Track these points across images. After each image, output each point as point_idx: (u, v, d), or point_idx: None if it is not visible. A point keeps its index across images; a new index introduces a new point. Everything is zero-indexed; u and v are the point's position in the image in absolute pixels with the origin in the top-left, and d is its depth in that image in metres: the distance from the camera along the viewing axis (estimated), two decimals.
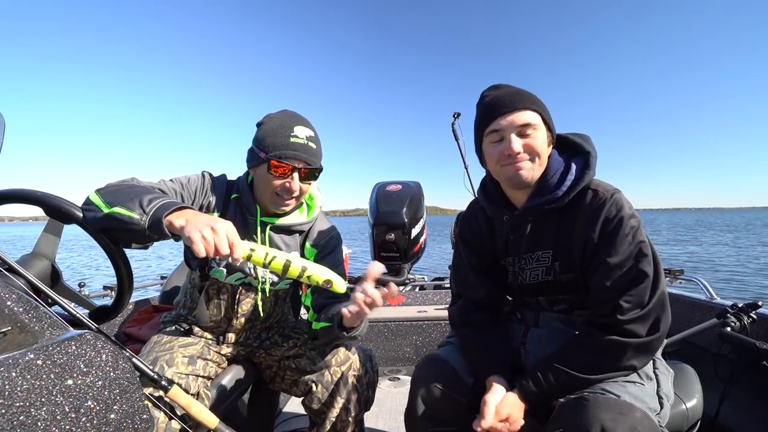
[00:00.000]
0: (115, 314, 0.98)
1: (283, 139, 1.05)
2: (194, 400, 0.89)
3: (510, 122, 0.91)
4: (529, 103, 0.91)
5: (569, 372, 0.86)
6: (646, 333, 0.85)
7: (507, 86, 0.97)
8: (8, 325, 0.52)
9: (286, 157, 1.05)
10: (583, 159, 0.95)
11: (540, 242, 0.98)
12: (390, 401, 1.99)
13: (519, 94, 0.93)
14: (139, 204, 0.84)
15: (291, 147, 1.05)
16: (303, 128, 1.09)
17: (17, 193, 0.86)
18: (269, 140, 1.06)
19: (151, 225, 0.82)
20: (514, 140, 0.91)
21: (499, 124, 0.92)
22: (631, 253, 0.86)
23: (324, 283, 0.85)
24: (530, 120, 0.90)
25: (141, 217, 0.82)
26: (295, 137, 1.06)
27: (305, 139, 1.08)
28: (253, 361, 1.30)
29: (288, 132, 1.06)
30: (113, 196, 0.87)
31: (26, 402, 0.46)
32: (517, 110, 0.91)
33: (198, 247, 0.78)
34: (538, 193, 0.95)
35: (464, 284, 1.13)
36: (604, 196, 0.90)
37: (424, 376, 1.01)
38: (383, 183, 3.27)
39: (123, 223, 0.83)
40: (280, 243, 1.20)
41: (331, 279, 0.86)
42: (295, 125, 1.08)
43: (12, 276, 0.76)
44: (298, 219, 1.21)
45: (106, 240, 0.88)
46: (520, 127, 0.90)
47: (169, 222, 0.83)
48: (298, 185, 1.08)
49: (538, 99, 0.94)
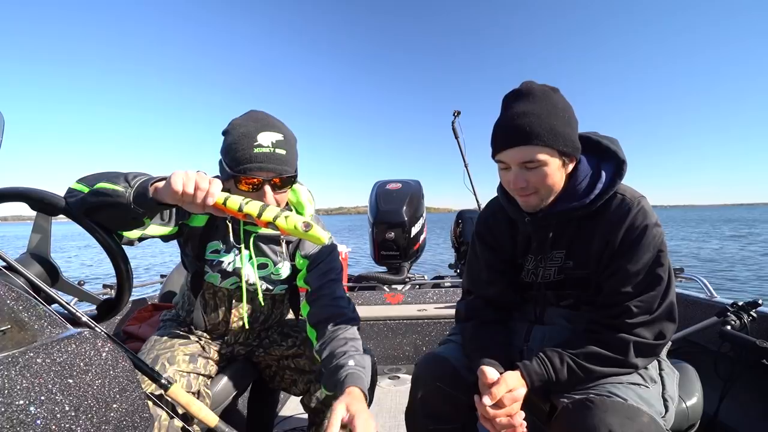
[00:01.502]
0: (115, 312, 0.98)
1: (246, 151, 0.96)
2: (194, 399, 0.89)
3: (513, 158, 0.89)
4: (536, 139, 0.85)
5: (574, 359, 0.85)
6: (652, 338, 0.85)
7: (528, 95, 0.90)
8: (7, 324, 0.52)
9: (251, 171, 0.96)
10: (614, 166, 0.92)
11: (559, 242, 0.98)
12: (390, 400, 1.99)
13: (527, 126, 0.85)
14: (123, 178, 0.81)
15: (256, 159, 0.96)
16: (267, 134, 0.99)
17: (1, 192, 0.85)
18: (232, 154, 0.98)
19: (137, 196, 0.78)
20: (518, 175, 0.89)
21: (503, 156, 0.90)
22: (649, 261, 0.86)
23: (303, 225, 0.77)
24: (534, 156, 0.86)
25: (126, 189, 0.79)
26: (259, 147, 0.97)
27: (271, 146, 0.98)
28: (252, 360, 1.30)
29: (251, 142, 0.97)
30: (95, 179, 0.84)
31: (25, 400, 0.45)
32: (521, 146, 0.86)
33: (176, 179, 0.74)
34: (566, 199, 0.93)
35: (476, 281, 1.13)
36: (630, 202, 0.89)
37: (425, 374, 1.01)
38: (383, 181, 3.27)
39: (107, 197, 0.79)
40: (269, 252, 1.16)
41: (309, 222, 0.78)
42: (259, 132, 0.98)
43: (11, 274, 0.76)
44: None
45: (103, 234, 0.87)
46: (524, 163, 0.88)
47: (155, 188, 0.79)
48: (271, 198, 0.99)
49: (554, 124, 0.86)
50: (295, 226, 0.78)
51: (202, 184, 0.75)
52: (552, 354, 0.87)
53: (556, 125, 0.86)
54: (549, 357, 0.87)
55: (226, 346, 1.22)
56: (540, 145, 0.85)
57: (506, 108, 0.92)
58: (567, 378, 0.85)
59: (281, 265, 1.17)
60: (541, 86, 0.92)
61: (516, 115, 0.87)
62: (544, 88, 0.91)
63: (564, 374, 0.85)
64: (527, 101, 0.89)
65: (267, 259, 1.16)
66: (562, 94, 0.92)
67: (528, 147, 0.86)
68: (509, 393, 0.83)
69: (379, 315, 2.33)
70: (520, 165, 0.88)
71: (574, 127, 0.90)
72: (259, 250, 1.15)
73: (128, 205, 0.79)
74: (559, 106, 0.89)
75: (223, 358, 1.21)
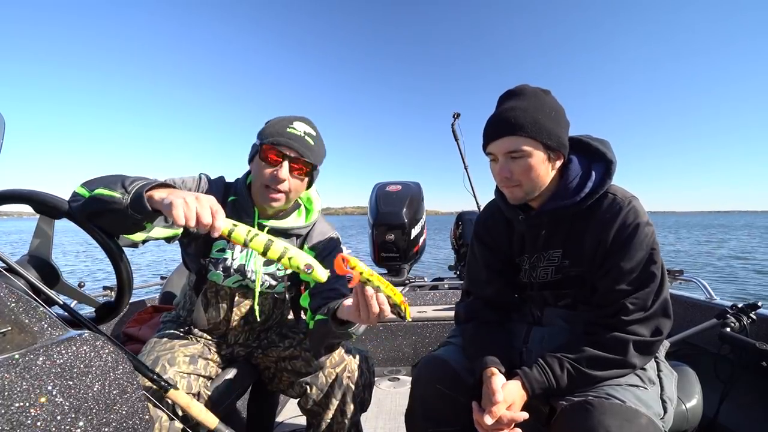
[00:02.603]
0: (115, 314, 0.98)
1: (279, 128, 1.06)
2: (194, 401, 0.89)
3: (498, 149, 0.94)
4: (520, 130, 0.90)
5: (573, 364, 0.86)
6: (649, 335, 0.86)
7: (520, 94, 0.95)
8: (8, 326, 0.52)
9: (278, 144, 1.04)
10: (604, 166, 0.96)
11: (553, 242, 1.00)
12: (390, 401, 1.99)
13: (513, 118, 0.91)
14: (121, 184, 0.82)
15: (285, 135, 1.05)
16: (303, 124, 1.10)
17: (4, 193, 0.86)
18: (266, 130, 1.08)
19: (133, 201, 0.80)
20: (503, 165, 0.94)
21: (490, 148, 0.96)
22: (642, 259, 0.88)
23: (305, 267, 0.80)
24: (518, 146, 0.91)
25: (123, 195, 0.80)
26: (293, 129, 1.07)
27: (302, 133, 1.08)
28: (252, 362, 1.30)
29: (287, 124, 1.08)
30: (96, 184, 0.86)
31: (25, 402, 0.45)
32: (505, 137, 0.92)
33: (177, 212, 0.73)
34: (556, 197, 0.96)
35: (475, 282, 1.14)
36: (622, 202, 0.92)
37: (425, 376, 1.01)
38: (383, 183, 3.27)
39: (105, 203, 0.81)
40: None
41: (311, 264, 0.80)
42: (296, 120, 1.10)
43: (11, 276, 0.76)
44: (296, 222, 1.20)
45: (103, 237, 0.88)
46: (509, 153, 0.92)
47: (150, 196, 0.81)
48: (287, 175, 1.05)
49: (538, 117, 0.90)
50: (298, 267, 0.80)
51: (204, 219, 0.75)
52: (552, 360, 0.88)
53: (540, 119, 0.91)
54: (549, 364, 0.87)
55: (227, 347, 1.22)
56: (524, 135, 0.90)
57: (498, 106, 0.97)
58: (567, 383, 0.86)
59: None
60: (533, 87, 0.97)
61: (504, 110, 0.93)
62: (536, 89, 0.96)
63: (564, 380, 0.86)
64: (517, 99, 0.95)
65: None
66: (554, 96, 0.97)
67: (512, 137, 0.91)
68: (509, 411, 0.83)
69: None
70: (506, 155, 0.93)
71: (561, 126, 0.94)
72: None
73: (125, 211, 0.79)
74: (547, 104, 0.94)
75: (223, 360, 1.21)
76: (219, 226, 0.76)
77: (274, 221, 1.17)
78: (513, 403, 0.85)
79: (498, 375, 0.89)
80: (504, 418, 0.82)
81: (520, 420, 0.83)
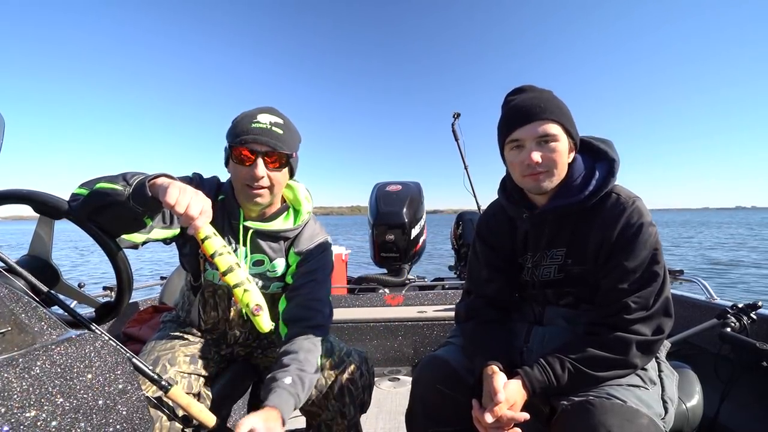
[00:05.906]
0: (115, 314, 0.98)
1: (245, 126, 1.03)
2: (194, 400, 0.89)
3: (529, 133, 0.91)
4: (550, 114, 0.90)
5: (574, 364, 0.86)
6: (650, 333, 0.86)
7: (531, 89, 0.97)
8: (7, 326, 0.52)
9: (246, 142, 1.01)
10: (607, 165, 0.96)
11: (557, 240, 1.00)
12: (390, 402, 1.99)
13: (540, 103, 0.91)
14: (122, 178, 0.84)
15: (252, 132, 1.02)
16: (267, 115, 1.06)
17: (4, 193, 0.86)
18: (234, 130, 1.04)
19: (134, 192, 0.81)
20: (532, 151, 0.91)
21: (519, 133, 0.92)
22: (646, 258, 0.88)
23: (254, 307, 0.80)
24: (550, 131, 0.90)
25: (124, 188, 0.81)
26: (257, 123, 1.03)
27: (268, 124, 1.04)
28: (252, 362, 1.30)
29: (251, 119, 1.04)
30: (96, 181, 0.87)
31: (25, 402, 0.45)
32: (537, 121, 0.90)
33: (172, 192, 0.76)
34: (561, 195, 0.96)
35: (476, 281, 1.14)
36: (626, 201, 0.92)
37: (425, 376, 1.01)
38: (383, 183, 3.27)
39: (107, 196, 0.82)
40: (267, 249, 1.16)
41: (261, 307, 0.79)
42: (259, 113, 1.06)
43: (11, 276, 0.76)
44: (284, 225, 1.17)
45: (103, 237, 0.88)
46: (540, 138, 0.91)
47: (152, 184, 0.82)
48: (264, 171, 1.02)
49: (561, 105, 0.93)
50: (247, 304, 0.80)
51: (192, 210, 0.77)
52: (553, 360, 0.87)
53: (562, 107, 0.94)
54: (550, 363, 0.87)
55: (226, 347, 1.22)
56: (554, 120, 0.91)
57: (511, 101, 0.97)
58: (568, 383, 0.86)
59: (277, 261, 1.17)
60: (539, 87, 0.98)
61: (527, 98, 0.94)
62: (541, 88, 0.98)
63: (565, 380, 0.86)
64: (531, 92, 0.96)
65: (263, 255, 1.16)
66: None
67: (544, 121, 0.90)
68: (510, 410, 0.83)
69: (379, 317, 2.33)
70: (537, 140, 0.91)
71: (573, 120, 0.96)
72: (256, 247, 1.15)
73: (127, 202, 0.81)
74: (558, 99, 0.96)
75: (223, 360, 1.21)
76: (199, 225, 0.78)
77: (261, 223, 1.14)
78: (514, 403, 0.84)
79: (499, 373, 0.88)
80: (504, 417, 0.82)
81: (520, 420, 0.83)
